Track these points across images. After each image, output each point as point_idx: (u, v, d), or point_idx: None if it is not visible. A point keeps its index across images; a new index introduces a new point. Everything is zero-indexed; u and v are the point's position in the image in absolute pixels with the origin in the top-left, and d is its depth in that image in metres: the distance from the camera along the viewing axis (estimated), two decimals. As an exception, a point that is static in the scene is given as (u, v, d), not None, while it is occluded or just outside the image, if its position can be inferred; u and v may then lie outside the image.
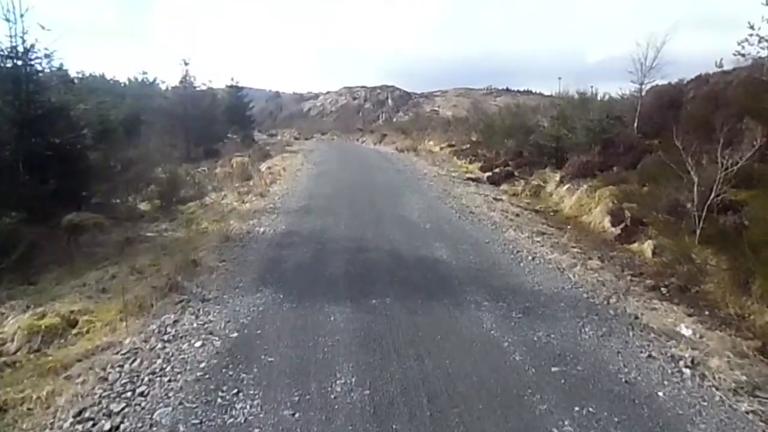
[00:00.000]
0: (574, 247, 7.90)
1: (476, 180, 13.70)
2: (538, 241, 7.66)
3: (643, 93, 13.08)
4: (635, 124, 12.47)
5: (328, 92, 71.47)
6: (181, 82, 24.62)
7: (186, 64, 24.54)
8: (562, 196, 11.97)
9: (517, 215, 9.89)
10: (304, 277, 5.59)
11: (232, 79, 40.69)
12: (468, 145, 18.63)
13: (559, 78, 16.62)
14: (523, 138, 14.58)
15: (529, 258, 6.55)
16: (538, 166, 14.25)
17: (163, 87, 32.16)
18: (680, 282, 6.62)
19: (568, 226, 9.90)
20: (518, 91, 70.41)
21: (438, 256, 6.34)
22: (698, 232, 7.69)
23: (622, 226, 9.05)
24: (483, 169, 14.67)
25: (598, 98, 14.47)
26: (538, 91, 67.19)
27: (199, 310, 4.79)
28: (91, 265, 6.93)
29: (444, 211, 9.10)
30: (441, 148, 19.89)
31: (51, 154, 8.94)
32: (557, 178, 13.09)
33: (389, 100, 66.74)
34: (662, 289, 6.53)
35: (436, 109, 62.78)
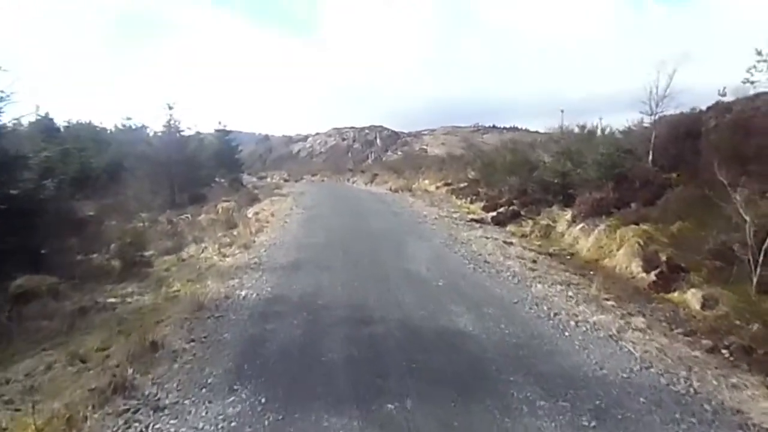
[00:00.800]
0: (607, 299, 6.64)
1: (480, 221, 12.47)
2: (570, 297, 6.35)
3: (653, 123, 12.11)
4: (650, 157, 11.38)
5: (317, 133, 71.06)
6: (165, 126, 23.47)
7: (170, 108, 23.44)
8: (576, 236, 10.74)
9: (534, 261, 8.61)
10: (293, 366, 4.19)
11: (220, 123, 39.84)
12: (465, 184, 17.49)
13: (562, 111, 15.75)
14: (527, 175, 13.44)
15: (572, 323, 5.22)
16: (544, 204, 13.08)
17: (149, 132, 31.01)
18: (744, 341, 5.37)
19: (591, 272, 8.67)
20: (505, 128, 70.50)
21: (462, 327, 4.97)
22: (755, 279, 6.47)
23: (657, 272, 7.81)
24: (486, 209, 13.46)
25: (604, 131, 13.48)
26: (524, 128, 67.09)
27: (148, 427, 3.40)
28: (30, 347, 5.50)
29: (455, 262, 7.77)
30: (437, 187, 18.74)
31: (5, 208, 7.68)
32: (567, 217, 11.90)
33: (378, 140, 66.48)
34: (723, 351, 5.28)
35: (425, 147, 62.42)
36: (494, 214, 12.83)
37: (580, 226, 10.81)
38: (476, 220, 12.53)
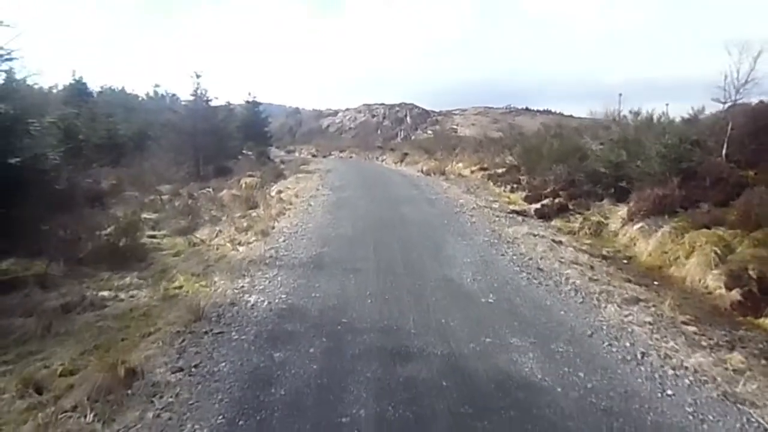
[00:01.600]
0: (686, 323, 5.32)
1: (522, 214, 11.08)
2: (649, 323, 5.04)
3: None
4: (723, 151, 9.82)
5: (347, 109, 69.67)
6: (192, 95, 22.42)
7: (198, 76, 22.36)
8: (632, 237, 9.34)
9: (592, 268, 7.27)
10: (304, 427, 3.05)
11: (249, 94, 38.82)
12: (503, 169, 16.02)
13: (620, 94, 14.11)
14: (577, 164, 11.95)
15: (669, 372, 3.90)
16: (593, 198, 11.62)
17: (177, 101, 30.07)
18: None
19: (655, 281, 7.36)
20: (538, 111, 68.17)
21: (528, 374, 3.68)
22: None
23: (743, 290, 6.43)
24: (528, 200, 12.04)
25: (663, 119, 11.88)
26: (558, 111, 64.74)
27: None
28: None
29: (504, 269, 6.44)
30: (472, 172, 17.28)
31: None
32: (621, 214, 10.47)
33: (408, 118, 64.99)
34: None
35: (455, 127, 60.73)
36: (538, 206, 11.42)
37: (639, 225, 9.39)
38: (518, 212, 11.15)
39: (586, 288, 5.98)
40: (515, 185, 13.33)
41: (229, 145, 26.84)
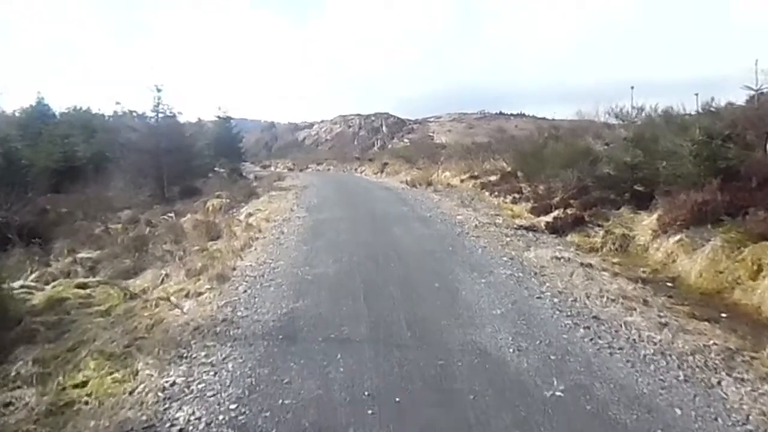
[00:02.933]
0: None
1: (533, 229, 9.19)
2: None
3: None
4: (767, 146, 8.08)
5: (323, 121, 67.90)
6: (153, 111, 20.18)
7: (158, 90, 20.15)
8: (670, 253, 7.55)
9: (646, 302, 5.41)
10: None
11: (220, 109, 36.59)
12: (497, 176, 14.17)
13: (632, 87, 12.39)
14: (588, 168, 10.12)
15: None
16: (609, 206, 9.82)
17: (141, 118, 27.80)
18: None
19: (722, 314, 5.58)
20: (512, 115, 67.25)
21: None
22: None
23: None
24: (535, 212, 10.14)
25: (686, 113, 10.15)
26: (531, 114, 63.72)
27: None
28: None
29: (552, 324, 4.41)
30: (462, 181, 15.35)
31: None
32: (647, 224, 8.71)
33: (384, 127, 63.60)
34: None
35: (431, 134, 59.52)
36: (549, 219, 9.54)
37: (676, 238, 7.60)
38: (527, 228, 9.25)
39: (669, 345, 4.08)
40: (516, 195, 11.44)
41: (198, 163, 24.66)
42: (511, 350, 3.86)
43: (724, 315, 5.55)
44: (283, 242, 8.20)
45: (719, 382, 3.53)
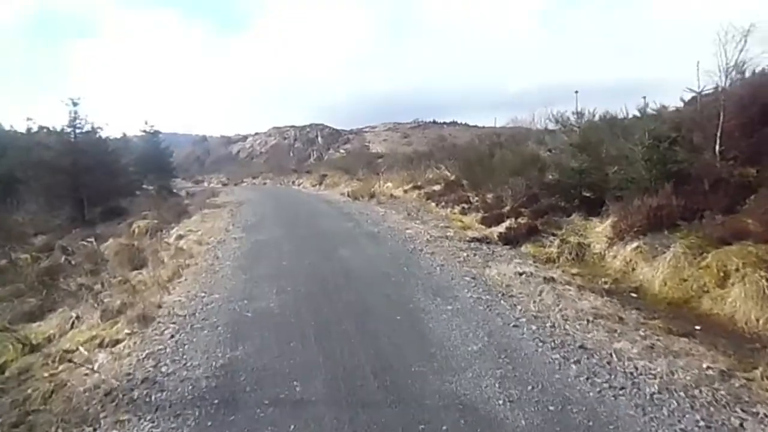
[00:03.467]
0: None
1: (486, 241, 8.66)
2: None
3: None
4: (716, 147, 7.96)
5: (256, 133, 65.89)
6: (69, 126, 18.29)
7: (74, 104, 18.33)
8: (629, 260, 7.25)
9: (621, 320, 4.94)
10: None
11: (147, 123, 34.39)
12: (440, 186, 13.66)
13: (576, 92, 12.17)
14: (537, 176, 9.76)
15: None
16: (559, 213, 9.50)
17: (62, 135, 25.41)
18: None
19: (696, 328, 5.26)
20: (444, 123, 67.96)
21: None
22: None
23: None
24: (486, 222, 9.65)
25: (638, 113, 9.95)
26: (463, 122, 64.69)
27: None
28: None
29: (538, 361, 3.73)
30: (405, 191, 14.73)
31: None
32: (601, 231, 8.42)
33: (319, 138, 62.59)
34: None
35: (367, 144, 59.10)
36: (501, 229, 9.05)
37: (634, 245, 7.30)
38: (480, 240, 8.72)
39: (670, 377, 3.54)
40: (465, 205, 10.93)
41: (124, 181, 22.83)
42: (500, 402, 3.16)
43: (698, 328, 5.21)
44: (218, 269, 7.17)
45: (741, 425, 3.00)
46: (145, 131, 32.32)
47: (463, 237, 8.88)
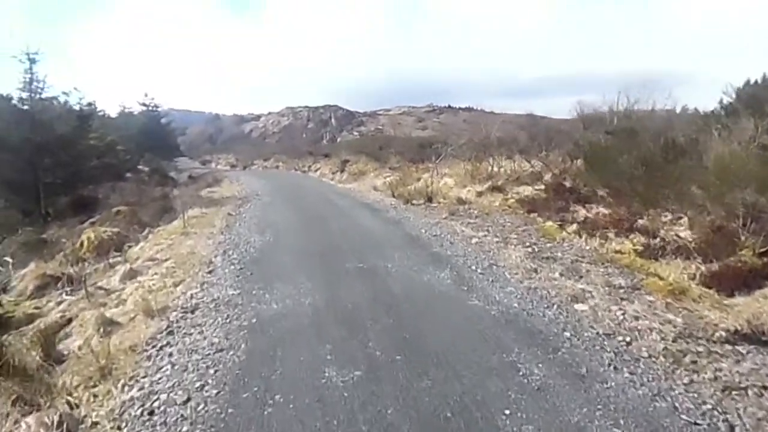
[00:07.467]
0: None
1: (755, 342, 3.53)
2: None
3: None
4: None
5: (269, 113, 60.46)
6: (24, 90, 13.02)
7: (32, 61, 13.07)
8: None
9: None
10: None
11: (146, 95, 29.17)
12: (537, 189, 8.44)
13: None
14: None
15: None
16: None
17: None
18: None
19: None
20: (460, 109, 62.49)
21: None
22: None
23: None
24: (719, 284, 4.47)
25: None
26: (479, 108, 58.27)
27: None
28: None
29: None
30: (479, 193, 9.46)
31: None
32: None
33: (333, 120, 57.36)
34: None
35: (380, 127, 54.01)
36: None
37: None
38: (745, 339, 3.58)
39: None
40: (627, 232, 5.69)
41: (110, 161, 17.70)
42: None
43: None
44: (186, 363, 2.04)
45: None
46: (144, 105, 27.10)
47: (708, 335, 3.69)
